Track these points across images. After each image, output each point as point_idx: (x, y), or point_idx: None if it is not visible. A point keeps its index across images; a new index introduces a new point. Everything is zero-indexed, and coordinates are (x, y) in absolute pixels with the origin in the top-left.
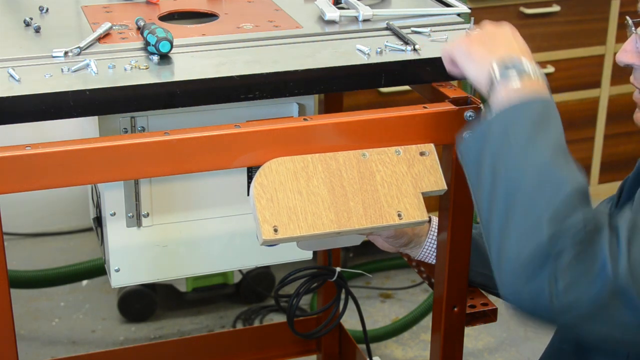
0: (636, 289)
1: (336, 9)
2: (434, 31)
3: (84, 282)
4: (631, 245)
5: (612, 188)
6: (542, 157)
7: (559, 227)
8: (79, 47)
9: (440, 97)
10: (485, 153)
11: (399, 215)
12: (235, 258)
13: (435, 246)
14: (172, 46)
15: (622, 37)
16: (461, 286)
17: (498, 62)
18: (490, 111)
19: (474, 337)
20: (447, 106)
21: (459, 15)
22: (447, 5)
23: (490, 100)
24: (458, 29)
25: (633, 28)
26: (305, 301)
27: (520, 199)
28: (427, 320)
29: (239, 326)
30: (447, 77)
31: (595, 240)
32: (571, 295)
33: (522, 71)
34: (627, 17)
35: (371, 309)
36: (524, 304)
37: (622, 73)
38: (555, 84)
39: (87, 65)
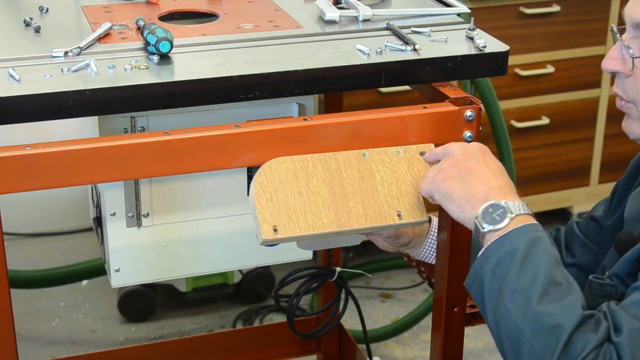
0: None
1: (336, 9)
2: (434, 31)
3: (84, 282)
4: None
5: (612, 188)
6: (531, 303)
7: None
8: (79, 47)
9: (440, 97)
10: (485, 298)
11: (399, 215)
12: (235, 258)
13: (435, 246)
14: (172, 46)
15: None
16: (461, 286)
17: (481, 212)
18: (482, 252)
19: (474, 337)
20: (447, 106)
21: (459, 15)
22: (447, 5)
23: (479, 238)
24: (458, 29)
25: (618, 35)
26: (305, 301)
27: (524, 347)
28: (427, 320)
29: (239, 326)
30: (447, 77)
31: None
32: None
33: (504, 213)
34: (612, 25)
35: (371, 309)
36: None
37: None
38: (555, 84)
39: (87, 65)
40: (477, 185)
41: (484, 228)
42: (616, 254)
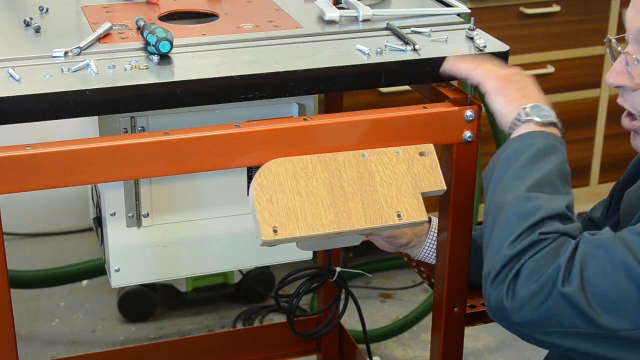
0: (587, 302)
1: (336, 9)
2: (434, 31)
3: (84, 282)
4: (585, 266)
5: None
6: (524, 187)
7: (516, 250)
8: (79, 47)
9: (440, 97)
10: (492, 177)
11: (399, 216)
12: (235, 258)
13: (435, 246)
14: (172, 46)
15: (621, 37)
16: (461, 286)
17: (531, 105)
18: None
19: (474, 337)
20: (447, 106)
21: (459, 15)
22: (447, 5)
23: (510, 130)
24: (458, 29)
25: (619, 47)
26: (305, 301)
27: (500, 220)
28: (427, 320)
29: (239, 326)
30: (447, 77)
31: (553, 257)
32: (523, 299)
33: (548, 117)
34: (609, 36)
35: (371, 309)
36: (491, 310)
37: None
38: (555, 84)
39: (87, 65)
40: (533, 91)
41: (528, 116)
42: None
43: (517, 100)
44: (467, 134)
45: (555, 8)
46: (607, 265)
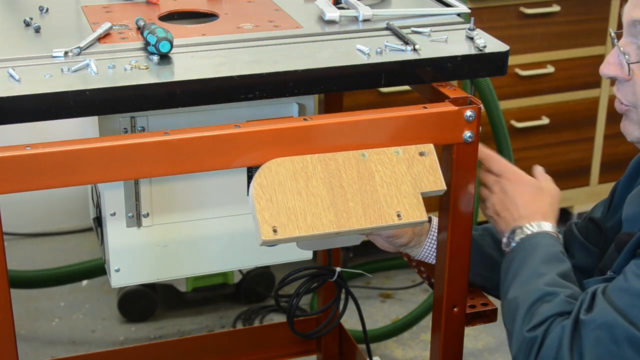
0: None
1: (336, 9)
2: (434, 31)
3: (84, 282)
4: (592, 353)
5: None
6: (506, 292)
7: (520, 355)
8: (79, 47)
9: (440, 97)
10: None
11: (399, 216)
12: (235, 258)
13: (435, 246)
14: (172, 46)
15: (621, 38)
16: (461, 286)
17: (508, 234)
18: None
19: (474, 337)
20: (447, 106)
21: (459, 15)
22: (447, 5)
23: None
24: (458, 29)
25: (615, 40)
26: (305, 301)
27: (507, 328)
28: (427, 320)
29: (239, 326)
30: (447, 77)
31: (554, 354)
32: None
33: (519, 234)
34: (610, 29)
35: (371, 309)
36: None
37: None
38: (555, 84)
39: (87, 65)
40: (505, 219)
41: (508, 247)
42: (616, 255)
43: (505, 226)
44: (467, 134)
45: (555, 8)
46: (612, 345)
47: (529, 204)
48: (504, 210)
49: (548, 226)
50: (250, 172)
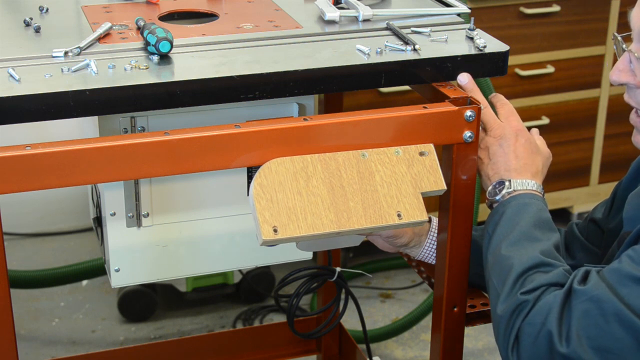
0: (588, 357)
1: (336, 9)
2: (434, 31)
3: (84, 282)
4: (579, 322)
5: (612, 188)
6: (499, 249)
7: (506, 313)
8: (79, 47)
9: (440, 97)
10: (484, 254)
11: (399, 216)
12: (235, 258)
13: (435, 246)
14: (172, 46)
15: (627, 36)
16: (461, 286)
17: (490, 188)
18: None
19: (474, 337)
20: (447, 106)
21: (459, 15)
22: (447, 5)
23: (489, 197)
24: (458, 29)
25: (624, 45)
26: (305, 301)
27: (490, 284)
28: (427, 320)
29: (239, 326)
30: (447, 77)
31: (543, 319)
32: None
33: (506, 188)
34: (615, 34)
35: (371, 309)
36: (500, 350)
37: None
38: (555, 84)
39: (87, 65)
40: (496, 166)
41: (489, 200)
42: (618, 254)
43: (484, 181)
44: (467, 134)
45: (555, 8)
46: (600, 318)
47: (524, 158)
48: (497, 156)
49: (536, 186)
50: (250, 172)
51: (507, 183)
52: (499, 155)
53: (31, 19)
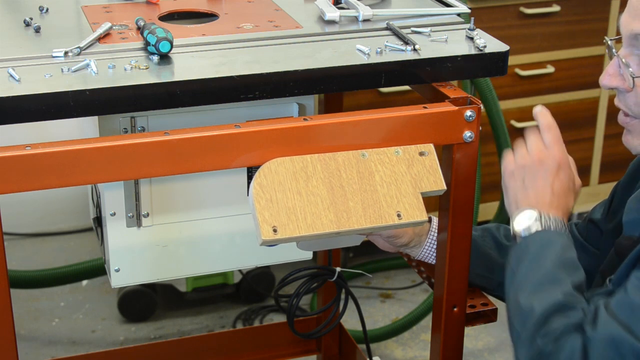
0: None
1: (336, 9)
2: (434, 31)
3: (84, 282)
4: None
5: (612, 188)
6: (520, 293)
7: (527, 354)
8: (79, 47)
9: (440, 97)
10: (505, 288)
11: (399, 215)
12: (235, 258)
13: (435, 246)
14: (172, 46)
15: (619, 39)
16: (461, 286)
17: (517, 219)
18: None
19: (474, 337)
20: (447, 106)
21: (459, 15)
22: (447, 5)
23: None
24: (458, 29)
25: (614, 50)
26: (305, 301)
27: (512, 328)
28: (427, 320)
29: (239, 326)
30: (447, 77)
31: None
32: None
33: (534, 222)
34: (606, 38)
35: (371, 309)
36: None
37: None
38: (555, 84)
39: (87, 65)
40: (529, 193)
41: (514, 228)
42: (616, 258)
43: (512, 204)
44: (467, 134)
45: (555, 8)
46: None
47: (559, 195)
48: (533, 184)
49: (562, 224)
50: (250, 172)
51: (537, 216)
52: (536, 185)
53: (31, 19)
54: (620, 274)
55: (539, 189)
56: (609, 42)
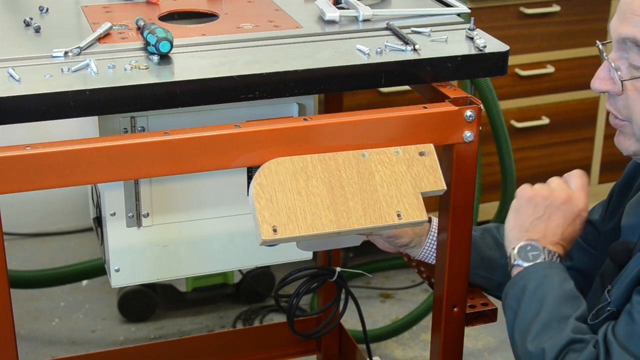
0: None
1: (336, 9)
2: (434, 31)
3: (84, 282)
4: None
5: None
6: (527, 334)
7: None
8: (79, 47)
9: (440, 97)
10: (507, 324)
11: (399, 215)
12: (235, 258)
13: (435, 246)
14: (172, 46)
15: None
16: (461, 286)
17: (520, 247)
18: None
19: (474, 337)
20: (447, 106)
21: (459, 15)
22: (447, 5)
23: (508, 262)
24: (458, 29)
25: (604, 54)
26: (305, 301)
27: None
28: (427, 320)
29: (239, 326)
30: (447, 77)
31: None
32: None
33: (534, 257)
34: (597, 41)
35: (371, 309)
36: None
37: None
38: (555, 84)
39: (87, 65)
40: (539, 228)
41: (516, 260)
42: (612, 263)
43: (516, 228)
44: (467, 134)
45: (555, 8)
46: None
47: (568, 240)
48: (549, 217)
49: (559, 259)
50: (250, 172)
51: (535, 249)
52: (551, 220)
53: (31, 19)
54: (620, 291)
55: (551, 225)
56: (600, 46)
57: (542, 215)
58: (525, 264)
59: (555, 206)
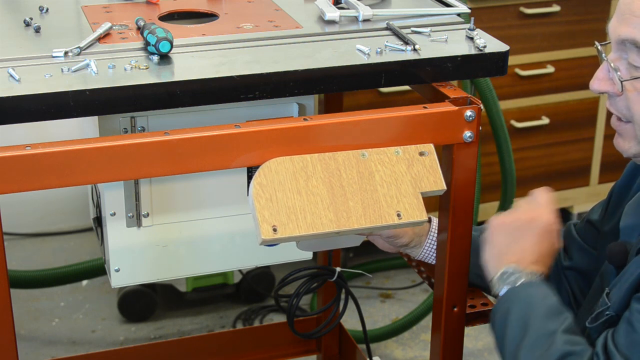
0: None
1: (336, 9)
2: (434, 31)
3: (84, 282)
4: None
5: None
6: (519, 353)
7: None
8: (79, 47)
9: (440, 97)
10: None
11: (398, 215)
12: (235, 258)
13: (435, 246)
14: (172, 46)
15: (609, 43)
16: (461, 286)
17: (498, 275)
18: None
19: (474, 337)
20: (447, 106)
21: (459, 15)
22: (447, 5)
23: (491, 286)
24: (458, 29)
25: (603, 55)
26: (305, 301)
27: None
28: (427, 320)
29: (239, 326)
30: (447, 77)
31: None
32: None
33: (513, 282)
34: (596, 42)
35: (371, 309)
36: None
37: None
38: (555, 84)
39: (87, 65)
40: (514, 251)
41: (496, 288)
42: (610, 265)
43: (493, 258)
44: (467, 134)
45: (555, 8)
46: None
47: (544, 255)
48: (519, 240)
49: (537, 272)
50: (250, 172)
51: (516, 273)
52: (522, 242)
53: (31, 19)
54: (619, 296)
55: (525, 246)
56: (599, 47)
57: (513, 240)
58: (507, 288)
59: (524, 227)
